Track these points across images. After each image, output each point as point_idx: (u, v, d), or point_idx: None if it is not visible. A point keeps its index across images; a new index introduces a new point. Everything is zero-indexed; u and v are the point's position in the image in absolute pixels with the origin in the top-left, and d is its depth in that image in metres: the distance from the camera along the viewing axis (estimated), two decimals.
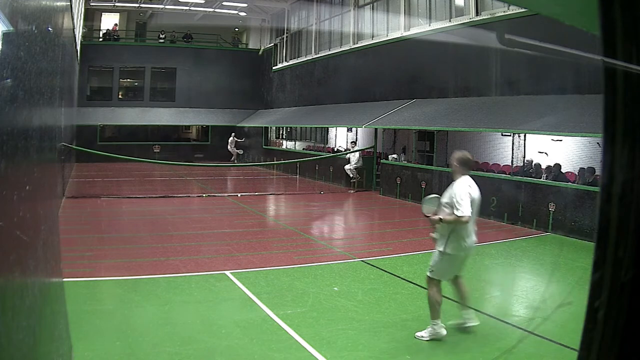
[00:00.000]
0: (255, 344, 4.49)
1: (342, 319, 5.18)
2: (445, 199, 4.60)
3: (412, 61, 15.60)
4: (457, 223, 4.47)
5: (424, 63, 15.20)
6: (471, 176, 4.74)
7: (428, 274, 4.71)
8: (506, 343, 4.66)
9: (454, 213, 4.44)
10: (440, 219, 4.50)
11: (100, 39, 25.72)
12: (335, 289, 6.23)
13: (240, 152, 24.45)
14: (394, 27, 16.78)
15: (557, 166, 10.45)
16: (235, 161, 23.97)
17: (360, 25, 18.75)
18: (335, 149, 19.19)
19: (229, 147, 24.29)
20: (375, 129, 15.88)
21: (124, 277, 6.33)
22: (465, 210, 4.41)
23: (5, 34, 1.64)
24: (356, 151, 15.98)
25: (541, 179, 10.55)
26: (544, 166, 10.91)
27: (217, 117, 25.97)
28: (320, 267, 7.15)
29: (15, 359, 1.76)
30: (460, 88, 13.86)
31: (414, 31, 15.65)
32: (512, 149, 11.37)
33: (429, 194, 4.94)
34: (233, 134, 24.62)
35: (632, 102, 1.01)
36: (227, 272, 6.63)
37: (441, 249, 4.60)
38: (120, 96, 25.78)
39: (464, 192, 4.49)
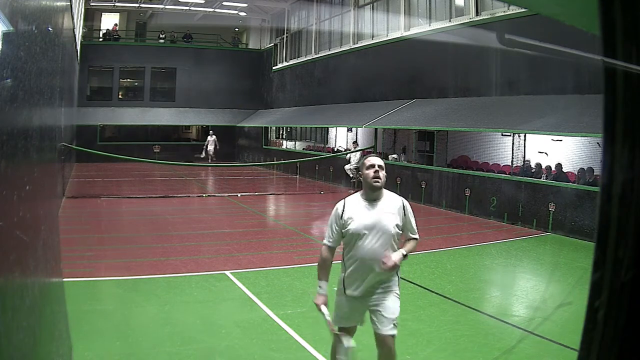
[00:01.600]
0: (255, 344, 4.49)
1: None
2: (393, 220, 3.19)
3: (412, 61, 15.60)
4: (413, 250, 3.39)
5: (424, 63, 15.19)
6: None
7: (395, 331, 3.26)
8: (506, 343, 4.66)
9: (412, 238, 3.33)
10: (404, 254, 3.22)
11: (100, 39, 25.71)
12: (335, 289, 6.22)
13: (203, 155, 23.29)
14: (394, 27, 16.78)
15: (559, 165, 10.45)
16: (212, 159, 22.99)
17: (360, 25, 18.75)
18: (335, 149, 19.18)
19: (209, 146, 23.28)
20: (375, 129, 15.88)
21: (124, 277, 6.33)
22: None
23: (5, 34, 1.64)
24: (357, 151, 16.00)
25: (541, 179, 10.56)
26: (543, 166, 10.92)
27: (217, 117, 25.96)
28: None
29: (15, 359, 1.76)
30: (460, 88, 13.86)
31: (414, 31, 15.65)
32: (512, 149, 11.37)
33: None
34: (213, 134, 23.57)
35: (632, 102, 1.00)
36: (227, 272, 6.63)
37: (398, 290, 3.36)
38: (120, 96, 25.77)
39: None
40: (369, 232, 3.16)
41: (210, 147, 23.33)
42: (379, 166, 3.23)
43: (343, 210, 3.24)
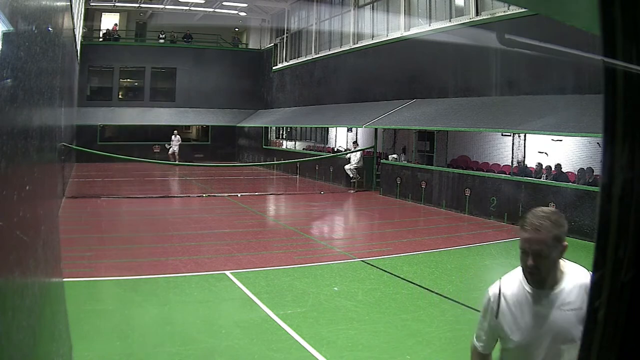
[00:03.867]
0: (255, 344, 4.49)
1: (342, 319, 5.19)
2: (576, 321, 1.83)
3: (412, 61, 15.60)
4: None
5: (424, 63, 15.20)
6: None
7: None
8: None
9: None
10: None
11: (100, 39, 25.71)
12: (335, 289, 6.23)
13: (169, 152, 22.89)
14: (394, 27, 16.78)
15: (559, 166, 10.46)
16: (176, 159, 22.38)
17: (360, 25, 18.75)
18: (336, 149, 19.19)
19: (173, 146, 22.81)
20: (375, 129, 15.88)
21: (124, 277, 6.33)
22: None
23: (5, 34, 1.64)
24: (357, 151, 16.01)
25: (541, 179, 10.56)
26: (543, 166, 10.93)
27: (217, 117, 25.96)
28: (320, 267, 7.15)
29: (15, 359, 1.76)
30: (460, 88, 13.86)
31: (414, 31, 15.65)
32: (512, 149, 11.37)
33: None
34: (177, 134, 23.18)
35: (632, 102, 1.00)
36: (227, 272, 6.63)
37: None
38: (120, 96, 25.77)
39: None
40: (536, 342, 1.89)
41: (175, 148, 22.84)
42: (535, 254, 1.84)
43: (498, 303, 2.03)
